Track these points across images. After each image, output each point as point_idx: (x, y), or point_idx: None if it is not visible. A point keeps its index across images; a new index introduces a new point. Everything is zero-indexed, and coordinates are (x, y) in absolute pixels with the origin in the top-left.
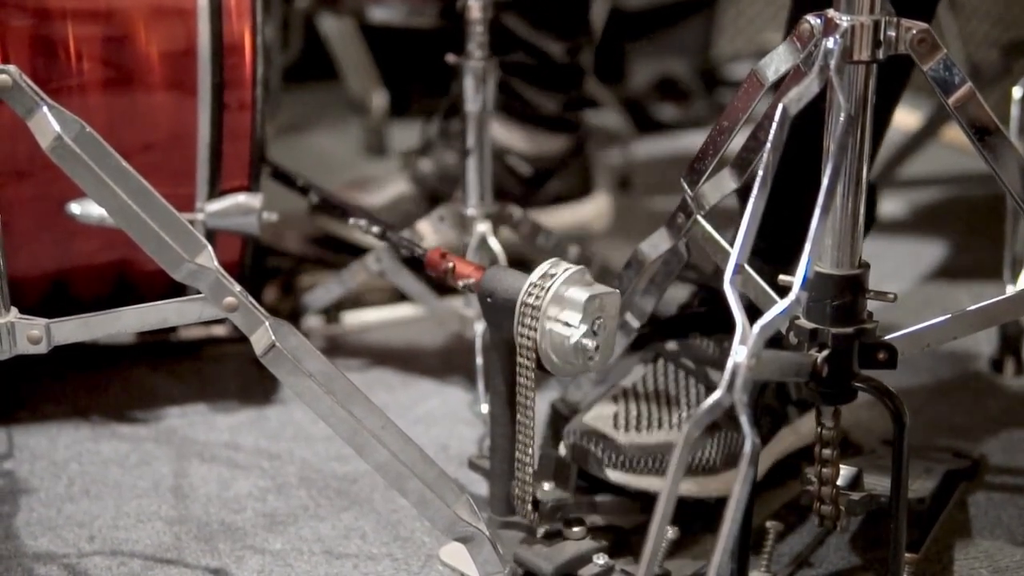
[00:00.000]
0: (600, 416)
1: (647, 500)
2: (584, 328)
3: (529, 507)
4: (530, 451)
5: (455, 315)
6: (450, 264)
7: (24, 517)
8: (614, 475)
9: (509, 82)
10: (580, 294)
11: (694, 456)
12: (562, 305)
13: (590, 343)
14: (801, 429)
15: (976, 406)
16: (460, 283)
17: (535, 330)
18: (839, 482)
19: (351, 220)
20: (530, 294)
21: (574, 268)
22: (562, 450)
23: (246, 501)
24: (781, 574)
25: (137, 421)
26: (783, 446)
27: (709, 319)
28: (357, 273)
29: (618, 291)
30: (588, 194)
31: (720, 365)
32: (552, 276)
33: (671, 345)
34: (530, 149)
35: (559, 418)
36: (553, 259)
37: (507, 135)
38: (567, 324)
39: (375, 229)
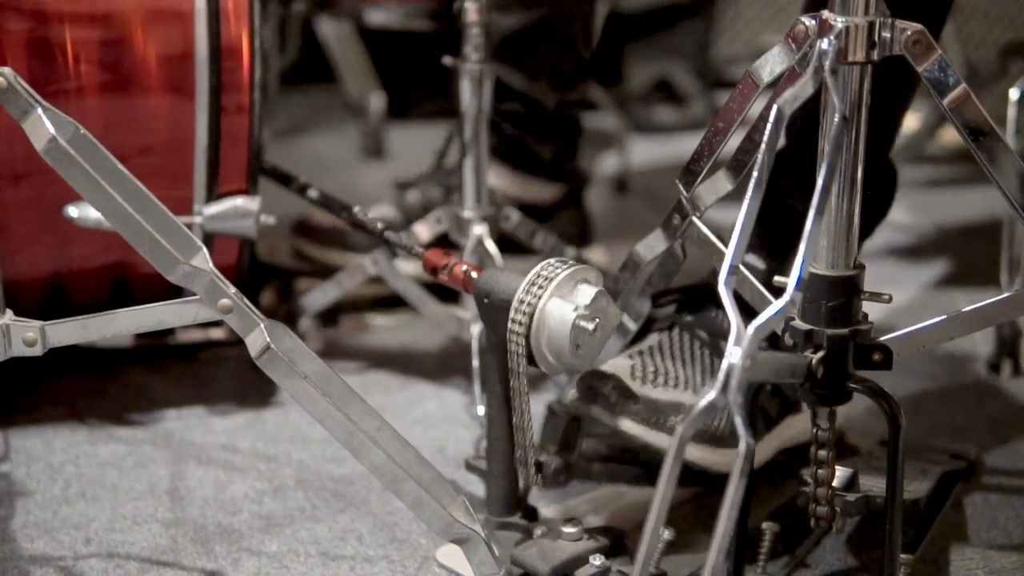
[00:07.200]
0: (617, 365)
1: (645, 467)
2: (588, 312)
3: (532, 470)
4: (528, 446)
5: (452, 317)
6: (447, 265)
7: (20, 520)
8: (623, 422)
9: (503, 128)
10: (591, 288)
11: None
12: (573, 289)
13: (588, 325)
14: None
15: (973, 408)
16: (457, 284)
17: (527, 326)
18: (835, 483)
19: (355, 209)
20: (527, 292)
21: (586, 265)
22: (573, 393)
23: (243, 503)
24: (777, 575)
25: (134, 424)
26: (791, 433)
27: None
28: (354, 276)
29: (620, 312)
30: (585, 246)
31: None
32: (564, 264)
33: (687, 316)
34: (521, 195)
35: (555, 419)
36: (550, 259)
37: (498, 181)
38: (572, 303)
39: (378, 226)
